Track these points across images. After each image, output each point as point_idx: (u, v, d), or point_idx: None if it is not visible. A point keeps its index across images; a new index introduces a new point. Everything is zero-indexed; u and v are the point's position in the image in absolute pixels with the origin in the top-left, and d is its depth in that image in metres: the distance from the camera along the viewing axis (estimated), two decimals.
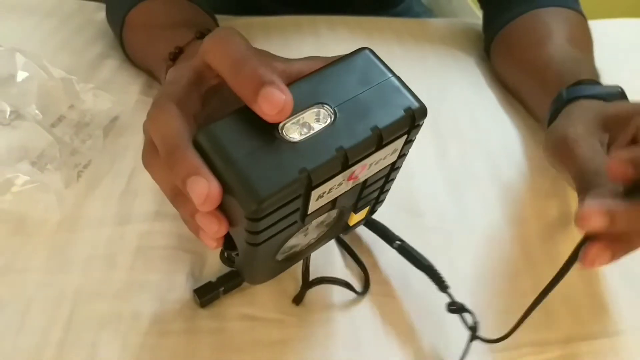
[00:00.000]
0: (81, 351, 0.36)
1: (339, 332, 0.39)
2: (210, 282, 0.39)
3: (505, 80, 0.60)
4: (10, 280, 0.39)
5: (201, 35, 0.46)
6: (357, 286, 0.41)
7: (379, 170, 0.30)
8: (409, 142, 0.29)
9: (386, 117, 0.26)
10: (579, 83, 0.46)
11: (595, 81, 0.46)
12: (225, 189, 0.24)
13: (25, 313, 0.38)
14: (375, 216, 0.39)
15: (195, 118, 0.28)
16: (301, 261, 0.38)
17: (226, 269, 0.40)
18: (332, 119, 0.26)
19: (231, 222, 0.26)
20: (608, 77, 0.62)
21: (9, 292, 0.38)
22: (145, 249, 0.41)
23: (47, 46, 0.58)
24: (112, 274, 0.40)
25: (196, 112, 0.29)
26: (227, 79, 0.26)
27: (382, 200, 0.36)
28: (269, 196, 0.24)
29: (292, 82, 0.27)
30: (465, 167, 0.51)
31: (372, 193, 0.33)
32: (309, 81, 0.27)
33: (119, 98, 0.51)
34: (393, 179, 0.33)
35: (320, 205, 0.28)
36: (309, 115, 0.26)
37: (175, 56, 0.45)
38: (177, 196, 0.28)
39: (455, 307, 0.38)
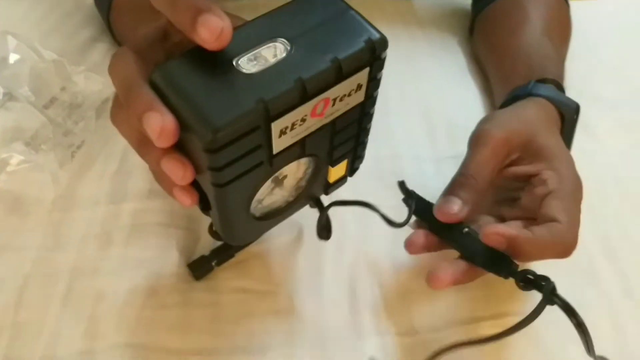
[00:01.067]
0: (79, 325, 0.37)
1: (329, 301, 0.40)
2: (203, 256, 0.40)
3: (479, 60, 0.61)
4: (7, 258, 0.40)
5: None
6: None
7: (347, 111, 0.29)
8: (373, 80, 0.29)
9: (345, 48, 0.26)
10: (544, 80, 0.47)
11: (558, 83, 0.47)
12: (182, 125, 0.24)
13: (23, 289, 0.38)
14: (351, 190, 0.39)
15: None
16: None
17: (218, 244, 0.41)
18: (290, 51, 0.25)
19: (197, 169, 0.26)
20: (588, 56, 0.63)
21: (7, 269, 0.39)
22: (140, 226, 0.42)
23: (38, 30, 0.58)
24: (108, 251, 0.41)
25: (159, 63, 0.29)
26: (167, 15, 0.26)
27: (361, 157, 0.36)
28: (225, 125, 0.23)
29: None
30: (453, 150, 0.52)
31: (346, 142, 0.32)
32: (265, 19, 0.27)
33: (110, 81, 0.51)
34: (367, 128, 0.33)
35: (286, 145, 0.27)
36: (264, 50, 0.25)
37: None
38: (141, 145, 0.28)
39: (530, 275, 0.35)
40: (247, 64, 0.25)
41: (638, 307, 0.41)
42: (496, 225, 0.37)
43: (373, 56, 0.27)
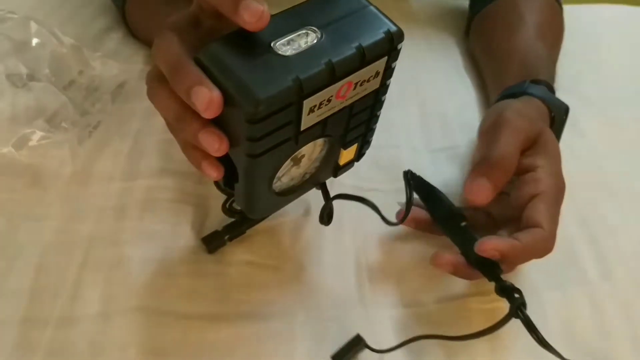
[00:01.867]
0: (96, 289, 0.40)
1: (329, 277, 0.43)
2: (216, 231, 0.43)
3: (475, 59, 0.64)
4: (28, 226, 0.42)
5: None
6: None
7: (364, 97, 0.32)
8: (389, 69, 0.32)
9: (368, 37, 0.29)
10: (537, 81, 0.49)
11: (549, 84, 0.50)
12: (226, 99, 0.27)
13: (43, 256, 0.41)
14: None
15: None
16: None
17: (228, 220, 0.44)
18: (319, 38, 0.29)
19: (231, 143, 0.29)
20: (583, 60, 0.67)
21: (27, 237, 0.42)
22: (153, 202, 0.45)
23: (55, 18, 0.61)
24: (123, 223, 0.43)
25: (195, 49, 0.31)
26: (211, 1, 0.29)
27: (369, 142, 0.39)
28: (267, 99, 0.26)
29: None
30: (447, 142, 0.55)
31: (359, 126, 0.35)
32: (295, 11, 0.30)
33: (125, 67, 0.54)
34: (377, 115, 0.36)
35: (311, 123, 0.30)
36: (297, 36, 0.29)
37: None
38: (180, 120, 0.30)
39: (507, 287, 0.38)
40: (282, 47, 0.28)
41: (615, 289, 0.44)
42: (490, 238, 0.38)
43: (391, 46, 0.30)
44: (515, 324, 0.36)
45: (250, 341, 0.38)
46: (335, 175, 0.40)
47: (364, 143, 0.38)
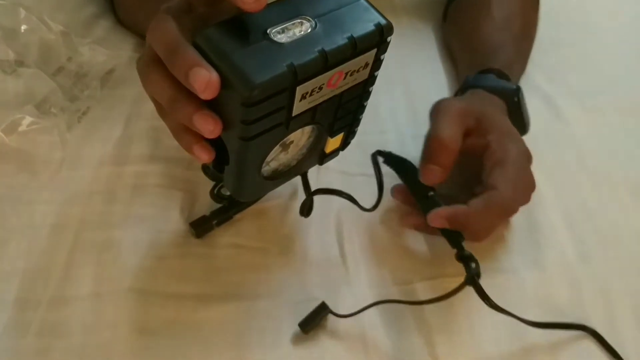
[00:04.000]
0: (87, 270, 0.41)
1: (314, 259, 0.44)
2: (204, 216, 0.44)
3: (448, 46, 0.65)
4: (19, 210, 0.43)
5: None
6: None
7: (353, 87, 0.33)
8: (378, 60, 0.33)
9: (360, 29, 0.30)
10: (488, 70, 0.51)
11: (500, 71, 0.51)
12: (222, 83, 0.28)
13: (34, 239, 0.42)
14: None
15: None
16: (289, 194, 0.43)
17: (216, 205, 0.45)
18: (313, 28, 0.30)
19: (224, 125, 0.30)
20: (567, 49, 0.68)
21: (18, 221, 0.43)
22: (142, 187, 0.46)
23: (44, 5, 0.60)
24: (113, 207, 0.44)
25: (189, 34, 0.32)
26: None
27: (354, 132, 0.40)
28: (262, 83, 0.27)
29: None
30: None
31: (346, 116, 0.37)
32: (290, 0, 0.31)
33: (114, 54, 0.55)
34: (364, 106, 0.38)
35: (302, 110, 0.31)
36: (292, 25, 0.30)
37: None
38: (174, 102, 0.30)
39: (465, 255, 0.41)
40: (277, 35, 0.29)
41: (592, 269, 0.46)
42: (437, 209, 0.42)
43: (381, 39, 0.31)
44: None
45: (238, 320, 0.40)
46: (321, 163, 0.41)
47: (350, 132, 0.40)
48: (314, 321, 0.39)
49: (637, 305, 0.44)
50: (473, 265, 0.40)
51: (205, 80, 0.27)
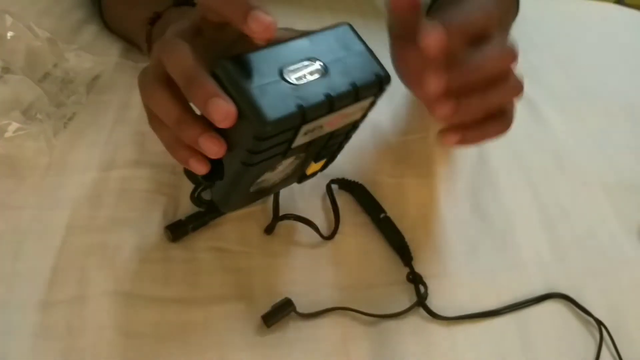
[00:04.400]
0: (73, 274, 0.41)
1: (299, 264, 0.45)
2: (180, 220, 0.45)
3: None
4: (6, 215, 0.44)
5: (178, 3, 0.51)
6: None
7: (346, 125, 0.36)
8: (372, 105, 0.36)
9: (363, 78, 0.33)
10: None
11: None
12: (237, 113, 0.30)
13: (20, 243, 0.42)
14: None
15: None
16: (270, 202, 0.45)
17: (195, 210, 0.45)
18: (322, 72, 0.32)
19: (228, 147, 0.32)
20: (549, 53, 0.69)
21: (5, 225, 0.43)
22: (127, 192, 0.47)
23: (30, 11, 0.61)
24: (98, 212, 0.45)
25: (200, 58, 0.33)
26: (220, 10, 0.31)
27: (335, 158, 0.43)
28: (275, 120, 0.29)
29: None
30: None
31: (333, 146, 0.39)
32: (302, 41, 0.33)
33: (100, 60, 0.55)
34: (350, 138, 0.40)
35: (300, 143, 0.34)
36: (304, 66, 0.32)
37: (153, 21, 0.50)
38: (181, 122, 0.32)
39: (413, 278, 0.44)
40: (291, 74, 0.31)
41: (567, 269, 0.47)
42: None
43: (380, 88, 0.34)
44: None
45: (220, 321, 0.41)
46: (299, 182, 0.44)
47: (332, 158, 0.43)
48: (277, 316, 0.41)
49: (609, 306, 0.46)
50: (422, 289, 0.44)
51: (224, 111, 0.29)
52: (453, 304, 0.44)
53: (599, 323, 0.44)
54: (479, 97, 0.35)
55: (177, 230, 0.44)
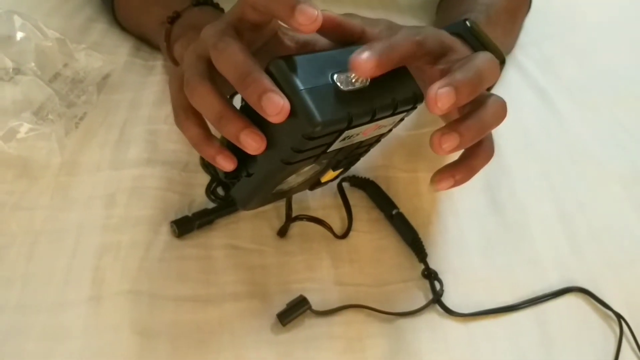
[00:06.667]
0: (87, 274, 0.41)
1: (313, 261, 0.45)
2: (187, 216, 0.45)
3: None
4: (19, 216, 0.44)
5: (197, 2, 0.50)
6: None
7: (374, 136, 0.37)
8: (401, 120, 0.37)
9: (401, 93, 0.34)
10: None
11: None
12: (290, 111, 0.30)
13: (34, 244, 0.42)
14: None
15: None
16: (283, 202, 0.45)
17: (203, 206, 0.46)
18: (367, 82, 0.33)
19: (269, 145, 0.32)
20: (561, 43, 0.68)
21: (18, 227, 0.43)
22: (140, 190, 0.46)
23: (38, 11, 0.61)
24: (111, 211, 0.45)
25: None
26: (267, 5, 0.31)
27: (349, 169, 0.43)
28: (325, 122, 0.30)
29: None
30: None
31: (354, 156, 0.40)
32: (350, 51, 0.33)
33: (109, 59, 0.55)
34: (368, 151, 0.41)
35: (336, 148, 0.34)
36: (353, 75, 0.32)
37: (173, 20, 0.50)
38: (222, 118, 0.33)
39: (428, 274, 0.44)
40: (340, 80, 0.32)
41: (584, 263, 0.47)
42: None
43: (414, 105, 0.35)
44: None
45: (235, 320, 0.40)
46: (311, 189, 0.44)
47: (347, 168, 0.43)
48: (294, 314, 0.40)
49: (629, 300, 0.45)
50: (438, 285, 0.43)
51: (279, 106, 0.29)
52: (469, 300, 0.43)
53: (619, 317, 0.43)
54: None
55: (182, 226, 0.44)
